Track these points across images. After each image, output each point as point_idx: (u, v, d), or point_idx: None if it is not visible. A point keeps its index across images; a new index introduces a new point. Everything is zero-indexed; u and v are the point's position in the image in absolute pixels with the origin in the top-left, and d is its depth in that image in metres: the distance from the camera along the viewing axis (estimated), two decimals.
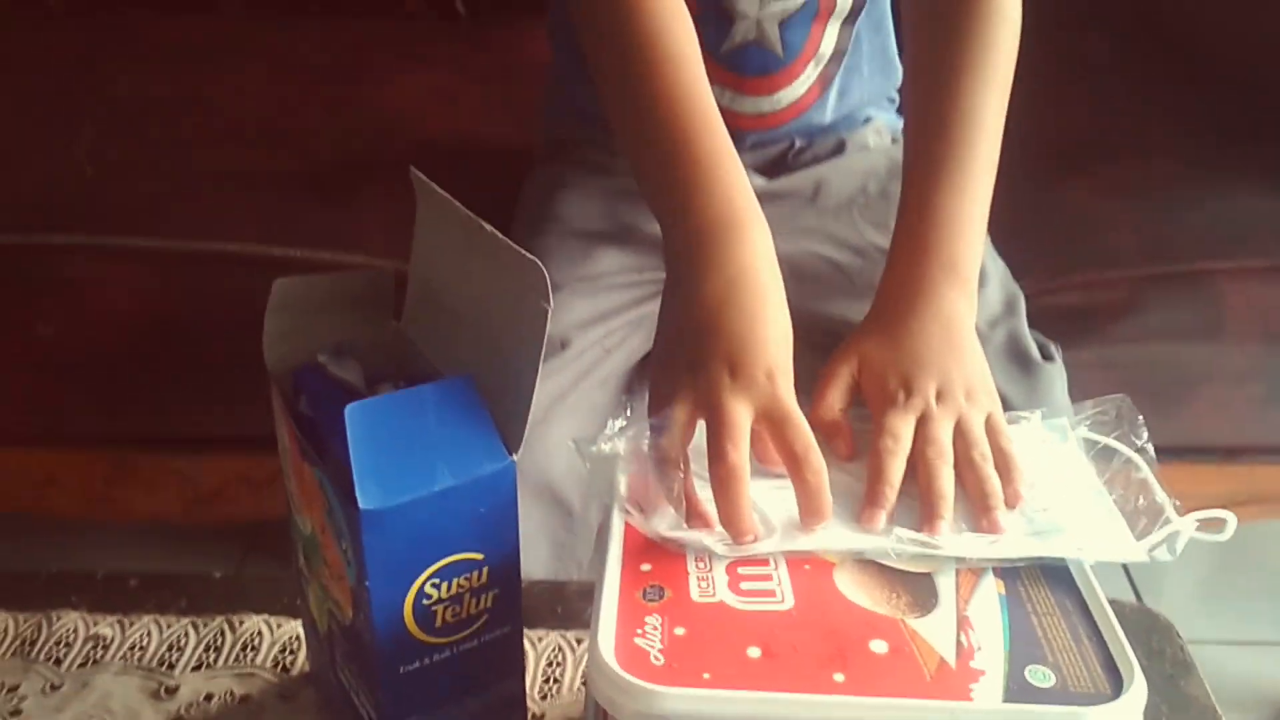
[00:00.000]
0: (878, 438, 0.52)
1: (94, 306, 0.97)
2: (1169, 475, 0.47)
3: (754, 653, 0.43)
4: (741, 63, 0.84)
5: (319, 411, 0.51)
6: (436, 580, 0.47)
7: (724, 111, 0.82)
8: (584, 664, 0.66)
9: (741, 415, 0.50)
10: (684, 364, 0.54)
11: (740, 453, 0.49)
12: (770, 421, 0.51)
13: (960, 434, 0.53)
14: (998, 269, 0.84)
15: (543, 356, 0.47)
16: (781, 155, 0.90)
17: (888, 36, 0.89)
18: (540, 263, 0.45)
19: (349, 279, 0.57)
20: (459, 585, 0.48)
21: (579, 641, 0.67)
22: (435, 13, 1.53)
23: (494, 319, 0.51)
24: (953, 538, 0.48)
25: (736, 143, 0.76)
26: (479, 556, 0.48)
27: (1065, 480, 0.52)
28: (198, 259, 0.97)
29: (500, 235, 0.50)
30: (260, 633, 0.67)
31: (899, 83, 0.95)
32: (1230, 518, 0.50)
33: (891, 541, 0.47)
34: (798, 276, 0.81)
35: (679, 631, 0.44)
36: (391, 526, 0.45)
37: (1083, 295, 0.93)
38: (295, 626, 0.66)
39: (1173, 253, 0.94)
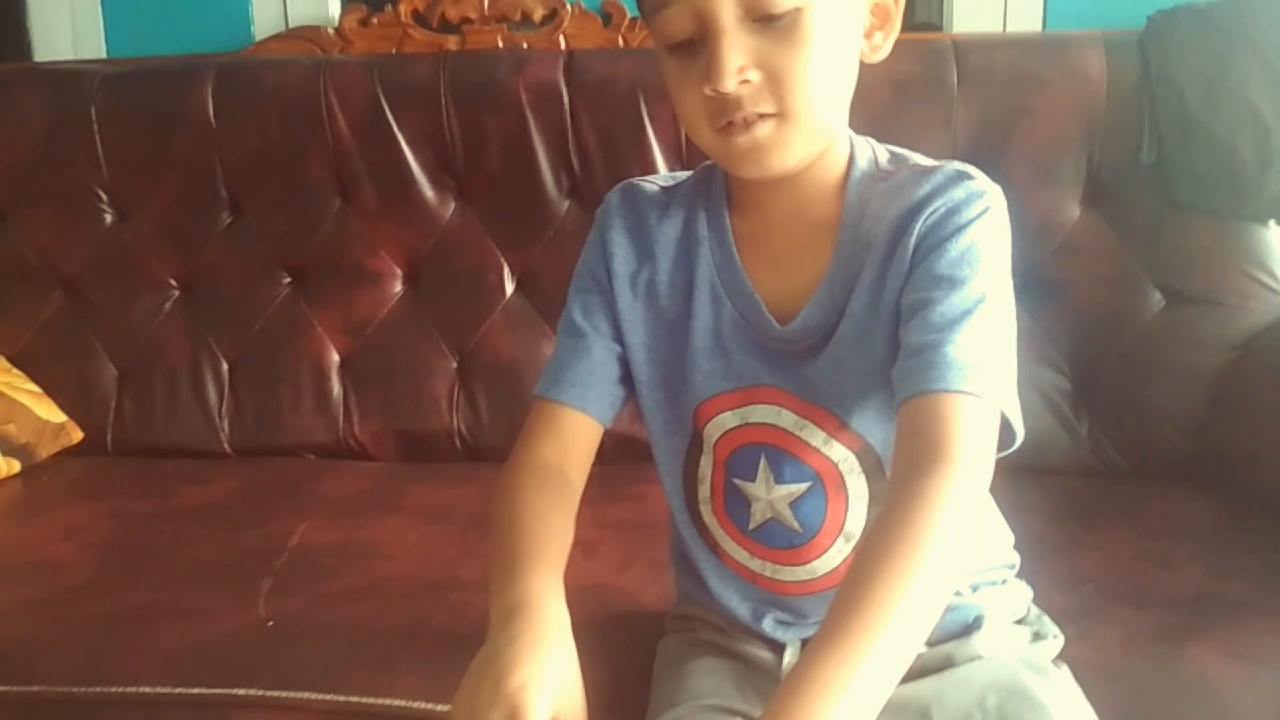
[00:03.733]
0: None
1: None
2: None
3: None
4: (767, 538, 0.92)
5: None
6: None
7: (768, 582, 0.94)
8: None
9: None
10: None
11: None
12: None
13: None
14: None
15: None
16: None
17: None
18: None
19: None
20: None
21: None
22: None
23: None
24: None
25: (794, 612, 0.91)
26: None
27: None
28: (367, 713, 1.03)
29: None
30: None
31: (1005, 558, 0.98)
32: None
33: None
34: None
35: None
36: None
37: None
38: None
39: None
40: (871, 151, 0.88)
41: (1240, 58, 1.56)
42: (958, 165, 0.84)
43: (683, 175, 0.96)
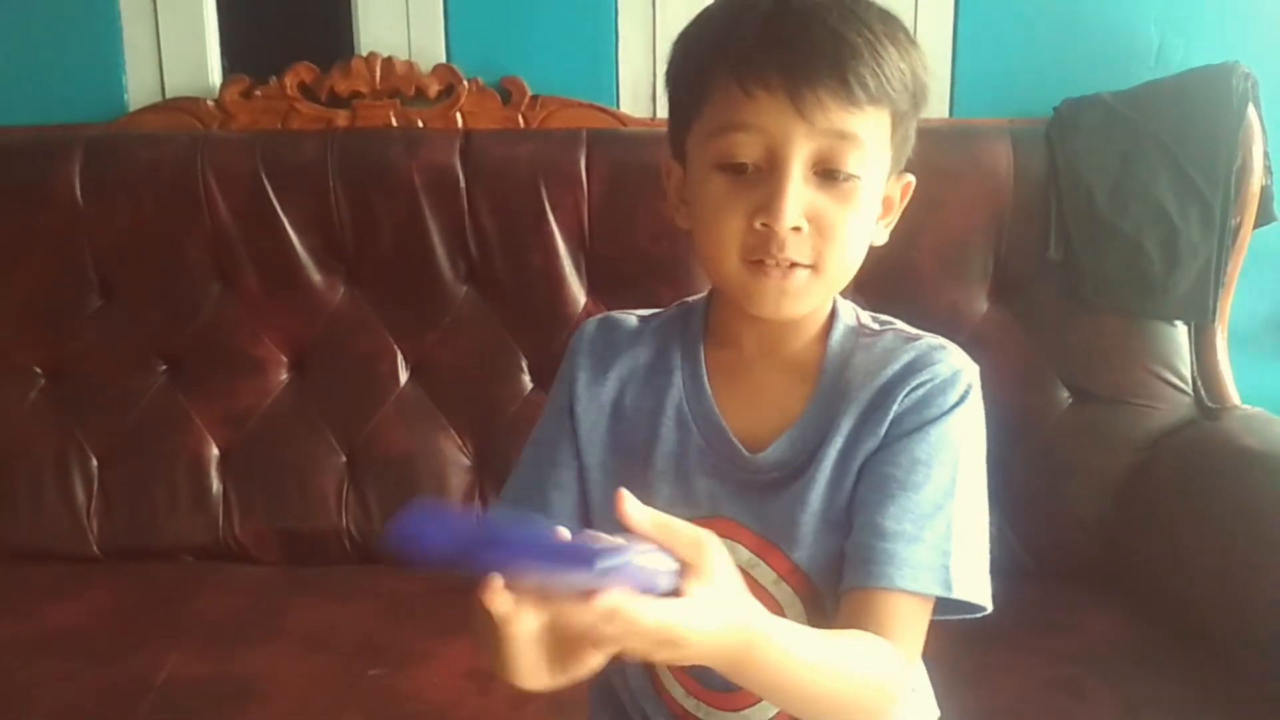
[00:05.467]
0: None
1: None
2: None
3: None
4: (704, 677, 0.88)
5: None
6: None
7: None
8: None
9: None
10: None
11: None
12: None
13: None
14: None
15: None
16: None
17: None
18: None
19: None
20: None
21: None
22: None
23: None
24: None
25: None
26: None
27: None
28: None
29: None
30: None
31: None
32: None
33: None
34: None
35: None
36: None
37: None
38: None
39: None
40: (853, 309, 0.91)
41: (1147, 153, 1.55)
42: (940, 341, 0.88)
43: (663, 311, 0.97)
